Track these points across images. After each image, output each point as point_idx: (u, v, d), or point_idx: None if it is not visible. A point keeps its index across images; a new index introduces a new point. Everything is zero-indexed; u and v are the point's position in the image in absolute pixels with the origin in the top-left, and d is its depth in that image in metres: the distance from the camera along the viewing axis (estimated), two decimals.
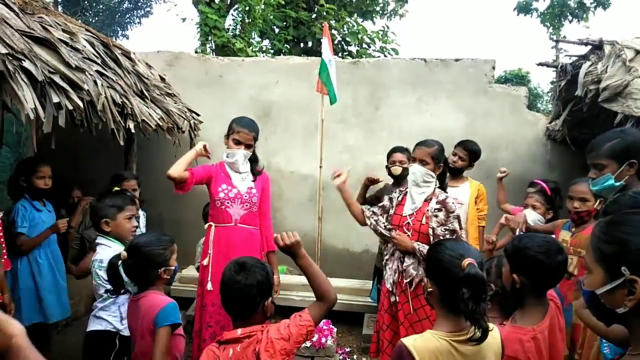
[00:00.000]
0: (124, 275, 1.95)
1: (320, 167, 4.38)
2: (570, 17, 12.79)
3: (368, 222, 2.87)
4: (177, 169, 2.71)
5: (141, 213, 3.52)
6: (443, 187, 2.85)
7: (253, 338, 1.54)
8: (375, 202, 3.57)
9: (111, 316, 2.32)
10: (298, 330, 1.56)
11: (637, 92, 2.82)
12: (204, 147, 2.92)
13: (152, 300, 1.91)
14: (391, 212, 2.82)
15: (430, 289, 1.50)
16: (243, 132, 2.87)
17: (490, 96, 4.97)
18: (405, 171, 3.33)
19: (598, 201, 2.49)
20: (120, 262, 1.95)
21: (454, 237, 2.58)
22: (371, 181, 3.61)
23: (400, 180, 3.48)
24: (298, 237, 1.64)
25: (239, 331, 1.56)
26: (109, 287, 2.05)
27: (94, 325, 2.33)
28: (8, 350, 0.80)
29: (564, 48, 4.48)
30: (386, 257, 2.83)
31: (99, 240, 2.38)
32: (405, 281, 2.65)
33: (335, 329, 3.58)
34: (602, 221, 1.12)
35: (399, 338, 2.64)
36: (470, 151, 3.55)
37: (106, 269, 2.02)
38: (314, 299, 1.67)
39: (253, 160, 3.01)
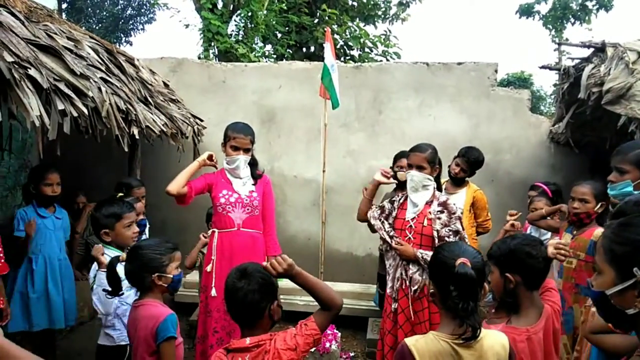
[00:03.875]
0: (123, 277, 1.93)
1: (324, 171, 4.39)
2: (572, 20, 12.74)
3: (373, 221, 2.85)
4: (176, 185, 2.74)
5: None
6: (438, 186, 2.87)
7: (261, 348, 1.54)
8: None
9: (118, 331, 2.23)
10: (305, 339, 1.56)
11: None
12: (210, 157, 2.92)
13: (149, 311, 1.86)
14: (394, 213, 2.82)
15: (432, 290, 1.56)
16: (239, 137, 2.89)
17: (493, 99, 4.96)
18: None
19: (599, 204, 2.47)
20: (119, 263, 1.93)
21: (457, 237, 2.58)
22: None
23: (404, 185, 3.47)
24: (289, 260, 1.59)
25: (248, 340, 1.55)
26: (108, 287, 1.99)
27: (104, 340, 2.26)
28: None
29: (567, 50, 4.49)
30: (389, 263, 2.81)
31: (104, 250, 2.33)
32: (413, 288, 2.62)
33: (339, 334, 3.56)
34: (614, 222, 1.12)
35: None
36: (472, 162, 3.54)
37: (106, 269, 1.99)
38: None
39: (253, 164, 3.03)
